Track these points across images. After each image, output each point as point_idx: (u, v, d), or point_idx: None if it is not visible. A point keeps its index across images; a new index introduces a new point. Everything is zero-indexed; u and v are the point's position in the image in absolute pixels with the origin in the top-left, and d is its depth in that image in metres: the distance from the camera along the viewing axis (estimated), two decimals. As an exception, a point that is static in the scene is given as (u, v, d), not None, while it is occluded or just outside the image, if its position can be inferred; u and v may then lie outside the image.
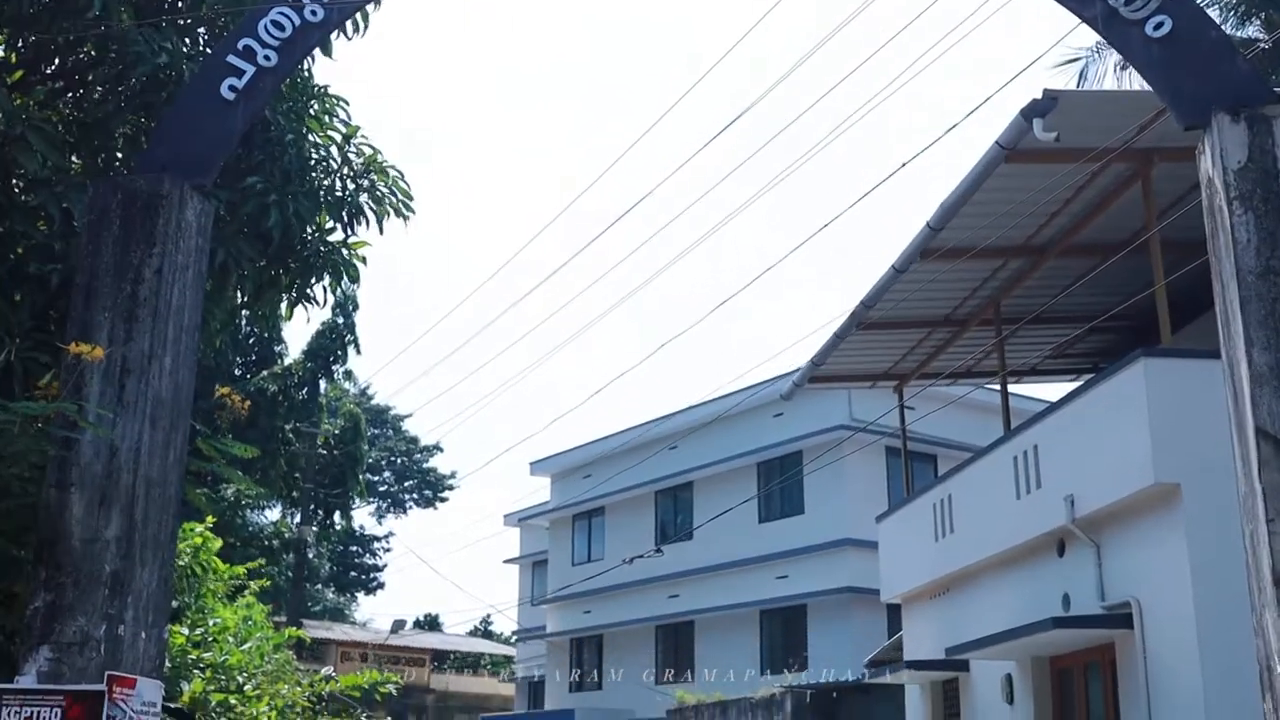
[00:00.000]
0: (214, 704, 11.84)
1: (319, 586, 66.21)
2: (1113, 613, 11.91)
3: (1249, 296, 5.63)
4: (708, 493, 31.18)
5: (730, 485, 29.68)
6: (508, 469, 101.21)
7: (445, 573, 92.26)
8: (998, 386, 17.70)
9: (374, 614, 74.02)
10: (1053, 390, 22.74)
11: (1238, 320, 5.61)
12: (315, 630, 38.10)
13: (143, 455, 6.28)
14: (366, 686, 13.90)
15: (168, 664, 12.09)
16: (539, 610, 39.31)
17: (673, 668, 32.08)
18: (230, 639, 12.84)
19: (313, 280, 8.60)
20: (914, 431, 19.86)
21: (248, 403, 8.37)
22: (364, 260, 9.00)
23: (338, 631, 47.50)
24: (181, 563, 11.95)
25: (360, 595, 69.38)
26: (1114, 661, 12.19)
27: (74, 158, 8.55)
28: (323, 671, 14.47)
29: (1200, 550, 10.84)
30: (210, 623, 13.03)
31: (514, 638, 47.25)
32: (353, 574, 68.51)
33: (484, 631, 66.99)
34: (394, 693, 14.76)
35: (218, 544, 13.59)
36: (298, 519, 26.44)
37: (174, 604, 13.41)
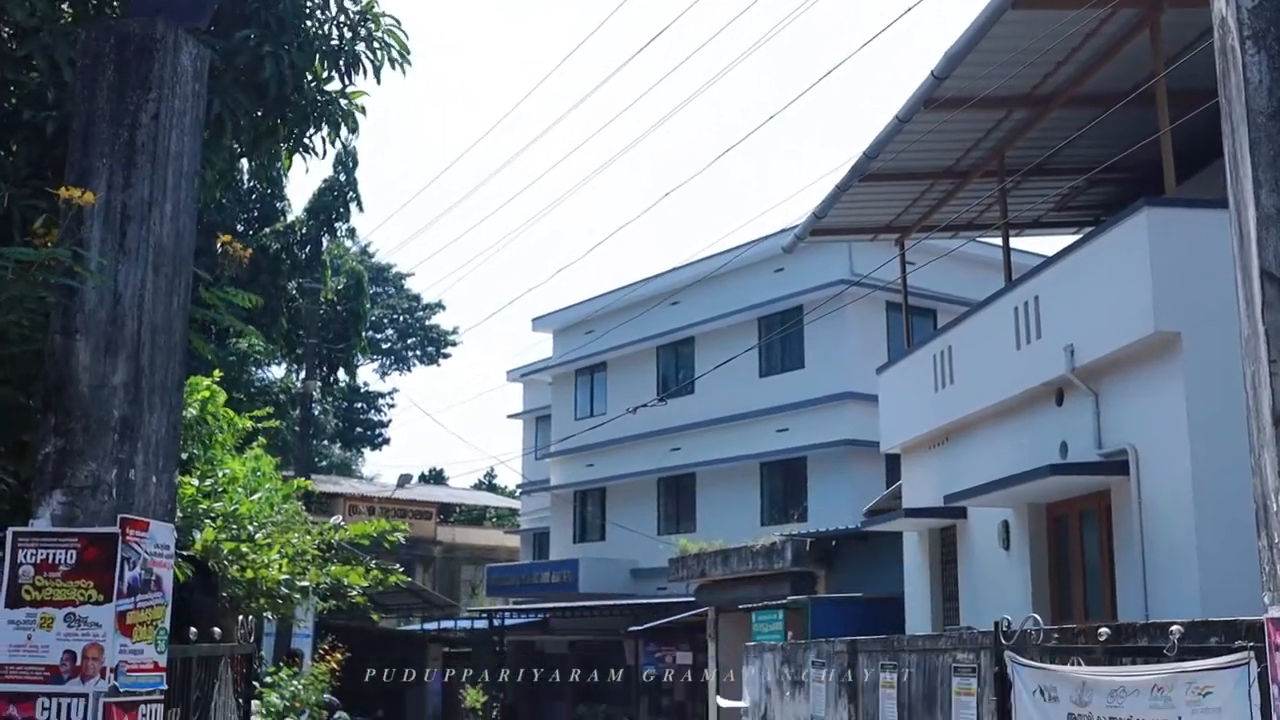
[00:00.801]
0: (226, 552, 12.06)
1: (325, 442, 66.96)
2: (1109, 460, 12.07)
3: (1259, 139, 5.55)
4: (709, 347, 31.33)
5: (731, 340, 29.80)
6: (510, 326, 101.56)
7: (449, 426, 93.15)
8: (999, 241, 17.66)
9: (380, 469, 75.08)
10: (1055, 244, 22.68)
11: (1246, 163, 5.54)
12: (323, 485, 38.62)
13: (146, 302, 6.29)
14: (375, 535, 14.16)
15: (179, 514, 12.34)
16: (543, 464, 39.83)
17: (675, 519, 32.64)
18: (240, 490, 13.04)
19: (310, 130, 8.50)
20: (914, 286, 19.87)
21: (250, 250, 8.36)
22: (363, 110, 8.88)
23: (345, 486, 48.15)
24: (190, 413, 12.08)
25: (366, 451, 70.26)
26: (1109, 508, 12.39)
27: (64, 5, 8.38)
28: (331, 520, 14.73)
29: (1198, 398, 10.95)
30: (220, 474, 13.22)
31: (518, 491, 47.95)
32: (358, 430, 69.25)
33: (488, 485, 67.96)
34: (402, 541, 15.06)
35: (224, 397, 13.73)
36: (302, 374, 26.60)
37: (183, 455, 13.63)
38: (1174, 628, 6.78)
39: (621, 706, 30.59)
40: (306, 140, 8.54)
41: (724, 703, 17.99)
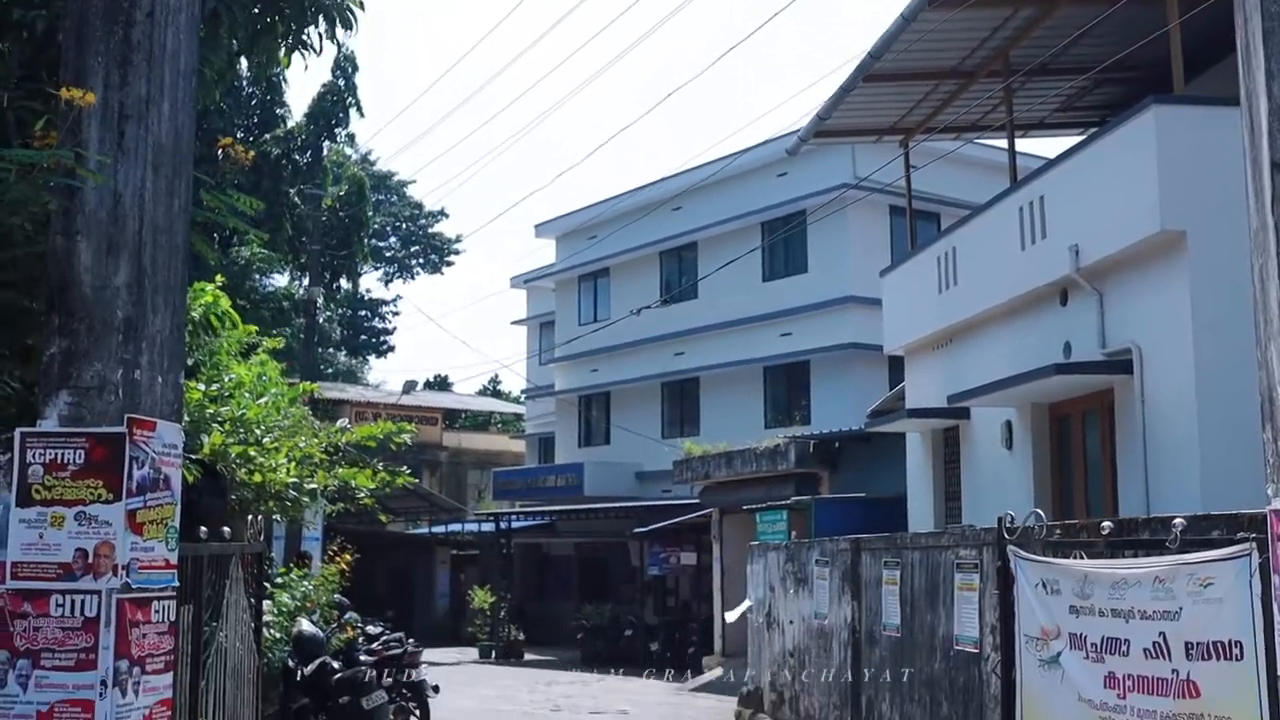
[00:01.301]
0: (234, 456, 12.15)
1: (330, 350, 67.17)
2: (1113, 359, 12.09)
3: (1272, 28, 5.45)
4: (712, 253, 31.23)
5: (734, 245, 29.70)
6: (512, 233, 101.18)
7: (453, 331, 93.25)
8: (1003, 143, 17.51)
9: (385, 377, 75.21)
10: (1059, 145, 22.49)
11: (1259, 54, 5.45)
12: (329, 392, 38.76)
13: (147, 202, 6.25)
14: (381, 437, 14.25)
15: (186, 419, 12.41)
16: (547, 370, 39.93)
17: (678, 423, 32.80)
18: (246, 395, 13.10)
19: (308, 26, 8.40)
20: (917, 190, 19.76)
21: (251, 153, 8.30)
22: (361, 5, 8.76)
23: (351, 393, 48.30)
24: (194, 315, 12.06)
25: (371, 358, 70.46)
26: (1112, 407, 12.44)
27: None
28: (338, 423, 14.82)
29: (1203, 296, 10.94)
30: (226, 379, 13.27)
31: (523, 397, 48.14)
32: (363, 338, 69.46)
33: (493, 391, 68.26)
34: (408, 444, 15.17)
35: (228, 302, 13.72)
36: (306, 281, 26.58)
37: (189, 361, 13.67)
38: (1176, 520, 6.83)
39: (627, 607, 31.01)
40: (304, 37, 8.44)
41: (732, 616, 18.21)
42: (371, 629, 19.09)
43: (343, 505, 17.16)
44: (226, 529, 8.25)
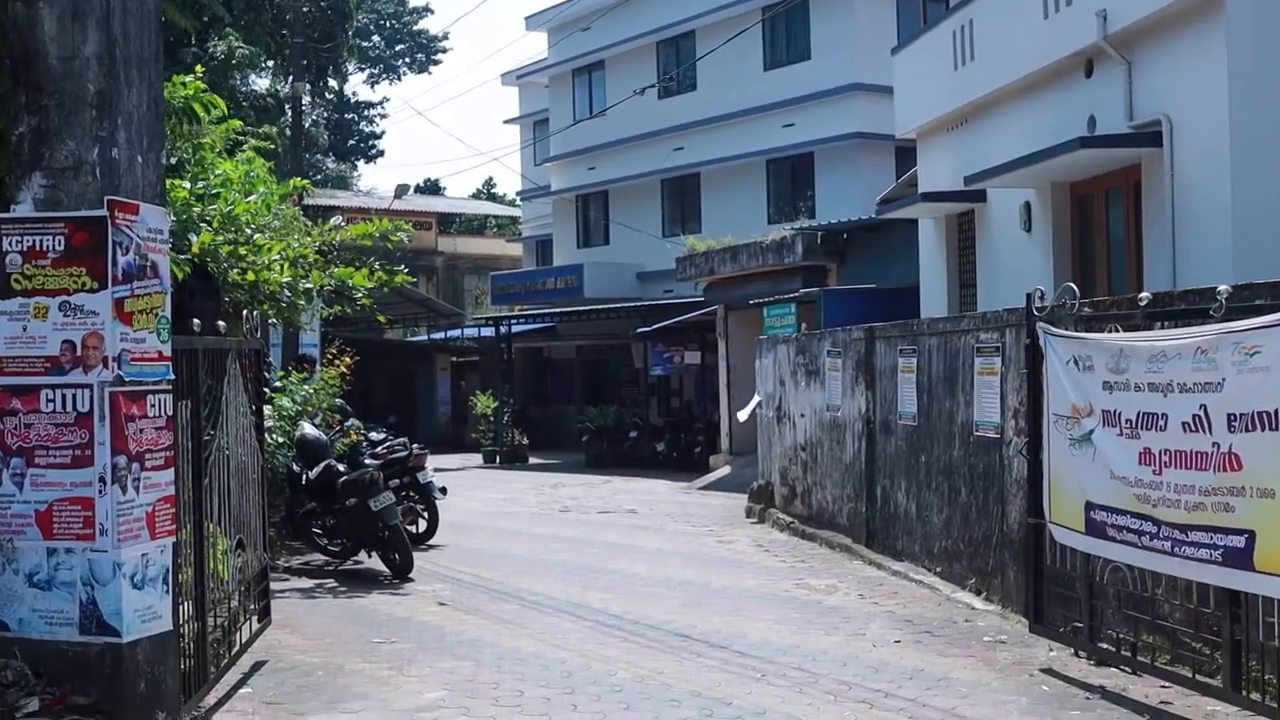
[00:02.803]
0: (225, 255, 11.74)
1: (319, 156, 66.04)
2: (1141, 131, 11.56)
3: None
4: (710, 41, 30.08)
5: (734, 33, 28.57)
6: (502, 29, 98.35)
7: (444, 126, 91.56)
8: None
9: (375, 183, 74.25)
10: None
11: None
12: (319, 199, 38.09)
13: (111, -40, 5.69)
14: (376, 235, 13.82)
15: (173, 218, 11.95)
16: (543, 171, 39.15)
17: (679, 221, 32.24)
18: (234, 192, 12.61)
19: None
20: (930, -37, 18.79)
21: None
22: None
23: (342, 199, 47.53)
24: (175, 104, 11.49)
25: (361, 164, 69.44)
26: (1138, 183, 11.97)
27: None
28: (331, 221, 14.35)
29: (1240, 61, 10.35)
30: (212, 175, 12.75)
31: (518, 199, 47.41)
32: (351, 142, 68.27)
33: (488, 195, 67.43)
34: (405, 242, 14.74)
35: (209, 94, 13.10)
36: (290, 79, 25.66)
37: (173, 160, 13.13)
38: (1221, 289, 6.48)
39: (631, 409, 31.00)
40: None
41: (743, 415, 18.02)
42: (375, 434, 19.01)
43: (339, 308, 16.83)
44: (222, 323, 7.86)
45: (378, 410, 30.99)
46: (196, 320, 7.96)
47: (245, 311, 8.49)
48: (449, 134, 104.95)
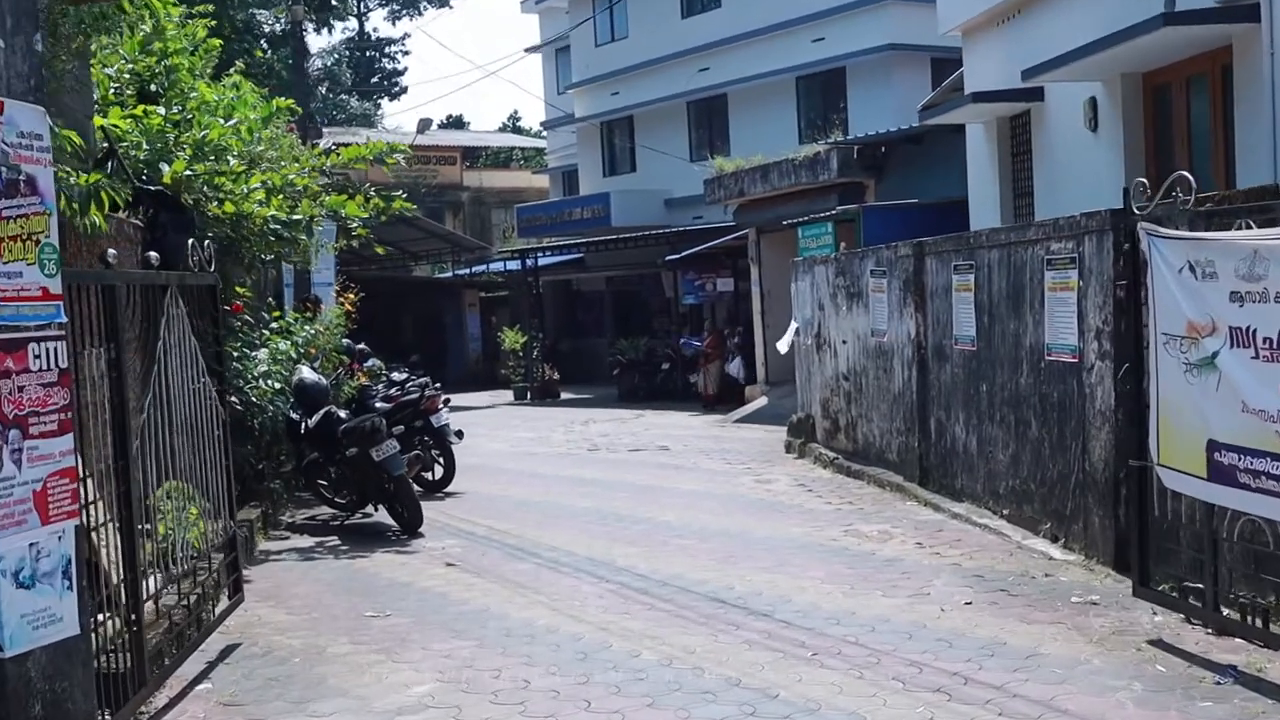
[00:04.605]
0: (199, 183, 10.51)
1: (341, 95, 64.72)
2: (1233, 5, 10.05)
3: None
4: (736, -47, 28.54)
5: (760, -59, 27.01)
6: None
7: (467, 56, 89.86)
8: None
9: (400, 123, 72.71)
10: None
11: None
12: (341, 137, 36.72)
13: None
14: (370, 157, 12.53)
15: (146, 147, 10.72)
16: (567, 100, 37.61)
17: (707, 144, 30.73)
18: (216, 118, 11.37)
19: None
20: None
21: None
22: None
23: (364, 137, 46.11)
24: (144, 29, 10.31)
25: (384, 102, 68.07)
26: (1228, 68, 10.47)
27: None
28: (321, 144, 13.06)
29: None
30: (189, 98, 11.51)
31: (542, 129, 45.90)
32: (373, 80, 66.95)
33: (513, 127, 65.91)
34: (402, 164, 13.46)
35: (178, 10, 11.84)
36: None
37: (151, 87, 11.87)
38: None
39: (663, 340, 29.76)
40: None
41: (783, 345, 16.63)
42: (396, 375, 17.90)
43: (344, 242, 15.59)
44: (154, 256, 6.60)
45: (407, 349, 29.92)
46: (153, 254, 6.78)
47: (191, 241, 7.22)
48: (471, 62, 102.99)
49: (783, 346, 16.58)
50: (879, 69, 26.23)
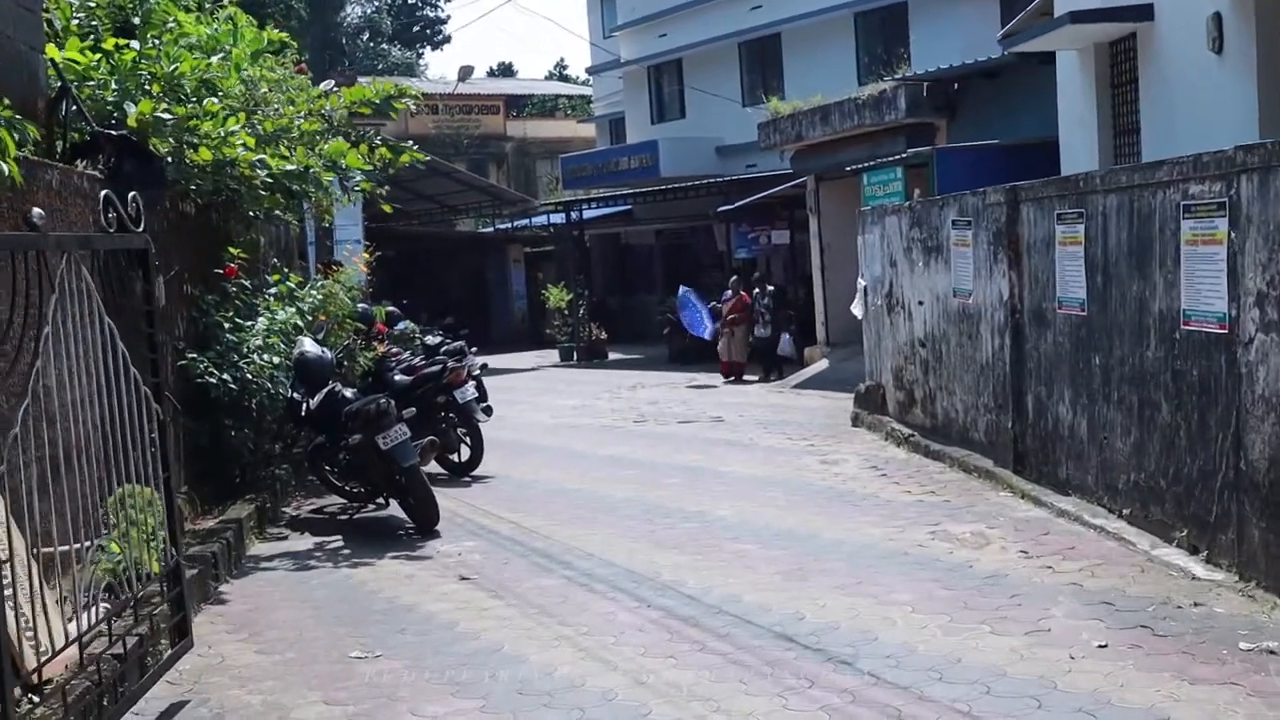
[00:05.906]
0: (169, 125, 8.97)
1: (384, 45, 63.29)
2: None
3: None
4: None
5: None
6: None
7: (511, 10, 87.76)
8: None
9: (444, 71, 71.30)
10: None
11: None
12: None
13: None
14: (377, 100, 10.94)
15: (115, 85, 9.23)
16: (613, 45, 35.81)
17: (760, 87, 28.90)
18: (196, 52, 9.86)
19: None
20: None
21: None
22: None
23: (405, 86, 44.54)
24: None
25: (427, 51, 66.58)
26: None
27: None
28: (321, 86, 11.48)
29: None
30: (166, 31, 10.01)
31: (588, 76, 44.11)
32: (416, 29, 65.51)
33: (559, 76, 64.17)
34: (411, 110, 11.89)
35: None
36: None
37: (135, 19, 10.38)
38: None
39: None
40: None
41: (857, 309, 14.83)
42: (430, 339, 16.46)
43: (360, 192, 14.04)
44: (37, 211, 5.00)
45: (449, 309, 28.48)
46: (38, 210, 5.24)
47: (105, 193, 5.65)
48: (516, 4, 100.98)
49: (857, 310, 14.86)
50: (944, 1, 24.26)
